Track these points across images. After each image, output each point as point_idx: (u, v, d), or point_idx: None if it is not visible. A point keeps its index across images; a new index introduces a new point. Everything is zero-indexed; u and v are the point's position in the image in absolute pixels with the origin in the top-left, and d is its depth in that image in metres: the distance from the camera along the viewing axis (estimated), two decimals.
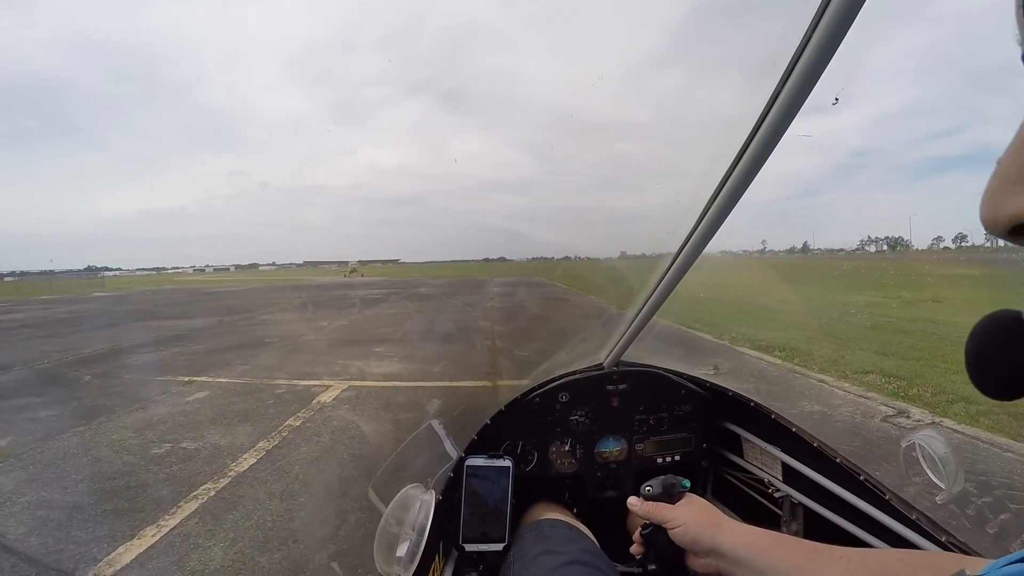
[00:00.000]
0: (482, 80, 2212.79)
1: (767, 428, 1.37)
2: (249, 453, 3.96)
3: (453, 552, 1.24)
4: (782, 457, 1.31)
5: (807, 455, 1.24)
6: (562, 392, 1.49)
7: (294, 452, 3.97)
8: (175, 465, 3.83)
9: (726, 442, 1.56)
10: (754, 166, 0.77)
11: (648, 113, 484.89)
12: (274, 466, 3.72)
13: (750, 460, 1.46)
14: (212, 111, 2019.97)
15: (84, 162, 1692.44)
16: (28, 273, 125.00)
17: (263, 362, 7.58)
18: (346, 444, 4.12)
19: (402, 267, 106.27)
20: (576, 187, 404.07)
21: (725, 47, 4.89)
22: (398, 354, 7.90)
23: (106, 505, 3.30)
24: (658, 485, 0.95)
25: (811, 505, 1.22)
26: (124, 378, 6.90)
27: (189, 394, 5.84)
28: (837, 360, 6.86)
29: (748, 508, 1.46)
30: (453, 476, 1.24)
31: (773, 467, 1.35)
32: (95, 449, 4.26)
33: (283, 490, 3.34)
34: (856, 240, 69.17)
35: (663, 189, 1.40)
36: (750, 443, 1.44)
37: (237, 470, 3.68)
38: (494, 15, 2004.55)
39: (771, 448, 1.35)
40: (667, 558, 0.91)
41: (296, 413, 4.92)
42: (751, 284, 21.16)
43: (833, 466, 1.16)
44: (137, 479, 3.64)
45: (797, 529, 1.27)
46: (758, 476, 1.41)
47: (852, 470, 1.11)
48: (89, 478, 3.72)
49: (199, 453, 4.04)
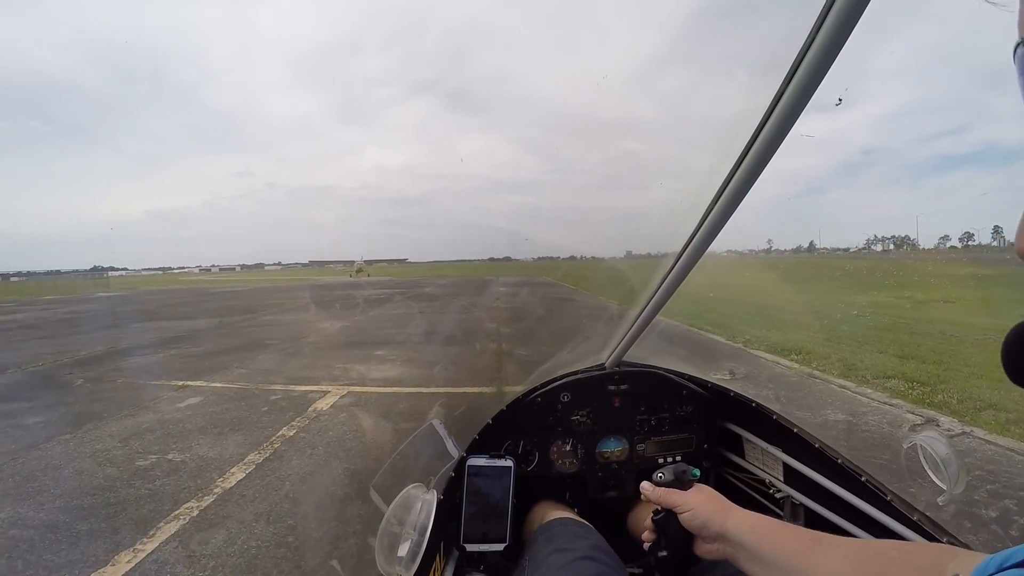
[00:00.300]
0: (487, 80, 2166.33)
1: (769, 429, 1.37)
2: (238, 467, 3.72)
3: (454, 552, 1.24)
4: (783, 458, 1.31)
5: (809, 456, 1.24)
6: (564, 392, 1.50)
7: (285, 466, 3.71)
8: (159, 480, 3.60)
9: (727, 443, 1.56)
10: (759, 164, 0.76)
11: (653, 112, 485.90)
12: (263, 482, 3.47)
13: (751, 460, 1.45)
14: (219, 111, 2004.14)
15: (91, 163, 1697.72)
16: (35, 273, 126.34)
17: (261, 365, 7.35)
18: (340, 457, 3.87)
19: (408, 267, 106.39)
20: (581, 186, 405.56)
21: (730, 46, 4.73)
22: (400, 357, 7.66)
23: (82, 525, 3.07)
24: (670, 472, 0.97)
25: (812, 506, 1.22)
26: (117, 382, 6.69)
27: (182, 400, 5.61)
28: (856, 364, 6.59)
29: (749, 508, 1.35)
30: (454, 476, 1.25)
31: (774, 468, 1.35)
32: (78, 460, 4.04)
33: (270, 511, 3.09)
34: (862, 239, 68.26)
35: (668, 188, 1.40)
36: (751, 443, 1.43)
37: (224, 486, 3.43)
38: (499, 15, 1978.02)
39: (772, 449, 1.35)
40: (678, 544, 0.93)
41: (291, 422, 4.67)
42: (759, 284, 20.88)
43: (835, 467, 1.16)
44: (118, 495, 3.40)
45: None
46: (759, 477, 1.41)
47: (854, 471, 1.11)
48: (68, 493, 3.49)
49: (185, 466, 3.80)
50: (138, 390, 6.15)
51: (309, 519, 3.00)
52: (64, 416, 5.21)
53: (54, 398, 5.95)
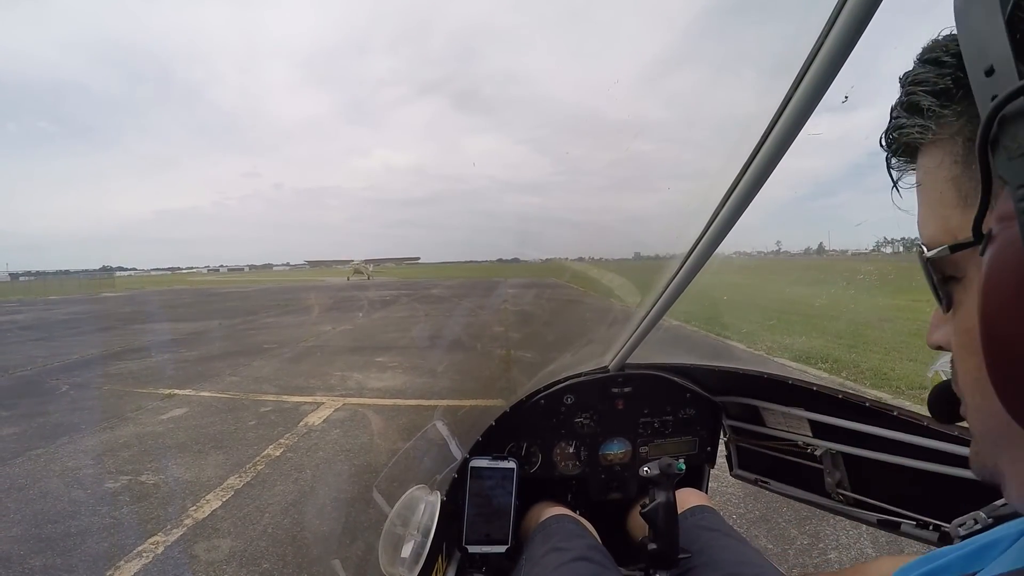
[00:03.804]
0: (495, 80, 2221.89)
1: (785, 394, 1.36)
2: (214, 493, 3.32)
3: (456, 553, 1.25)
4: (808, 416, 1.31)
5: (834, 407, 1.24)
6: (567, 394, 1.49)
7: (267, 493, 3.31)
8: (126, 506, 3.22)
9: (744, 416, 1.54)
10: (768, 166, 0.75)
11: (662, 113, 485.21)
12: (240, 513, 3.06)
13: (773, 426, 1.44)
14: (227, 112, 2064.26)
15: (100, 163, 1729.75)
16: (44, 273, 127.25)
17: (254, 372, 6.98)
18: (330, 483, 3.46)
19: (415, 268, 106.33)
20: (589, 187, 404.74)
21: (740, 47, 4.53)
22: (402, 364, 7.26)
23: (35, 560, 2.72)
24: (655, 467, 1.01)
25: (850, 451, 1.22)
26: (103, 389, 6.36)
27: (165, 411, 5.24)
28: (888, 373, 6.15)
29: (785, 470, 1.45)
30: (457, 477, 1.26)
31: (800, 427, 1.35)
32: (45, 480, 3.68)
33: (244, 550, 2.68)
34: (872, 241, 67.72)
35: (676, 189, 1.41)
36: (770, 410, 1.43)
37: (196, 516, 3.04)
38: (506, 15, 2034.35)
39: (794, 410, 1.34)
40: (666, 536, 0.98)
41: (278, 439, 4.27)
42: (773, 286, 20.40)
43: (864, 410, 1.16)
44: (80, 524, 3.03)
45: (840, 477, 1.27)
46: (787, 439, 1.40)
47: (885, 409, 1.11)
48: (28, 519, 3.13)
49: (157, 491, 3.42)
50: (122, 399, 5.80)
51: (287, 562, 2.60)
52: (40, 428, 4.86)
53: (34, 407, 5.61)
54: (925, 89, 0.35)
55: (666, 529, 0.98)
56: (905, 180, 0.41)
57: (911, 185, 0.40)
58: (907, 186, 0.41)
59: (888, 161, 0.42)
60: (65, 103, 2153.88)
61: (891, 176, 0.42)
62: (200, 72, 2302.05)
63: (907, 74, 0.38)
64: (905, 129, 0.38)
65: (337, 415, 4.93)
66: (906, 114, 0.38)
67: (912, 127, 0.37)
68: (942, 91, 0.35)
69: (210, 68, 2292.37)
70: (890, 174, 0.42)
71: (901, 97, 0.38)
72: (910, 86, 0.37)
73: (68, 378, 6.98)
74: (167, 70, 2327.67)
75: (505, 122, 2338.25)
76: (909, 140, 0.38)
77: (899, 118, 0.38)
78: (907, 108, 0.37)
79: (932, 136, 0.36)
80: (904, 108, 0.38)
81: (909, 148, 0.39)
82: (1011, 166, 0.28)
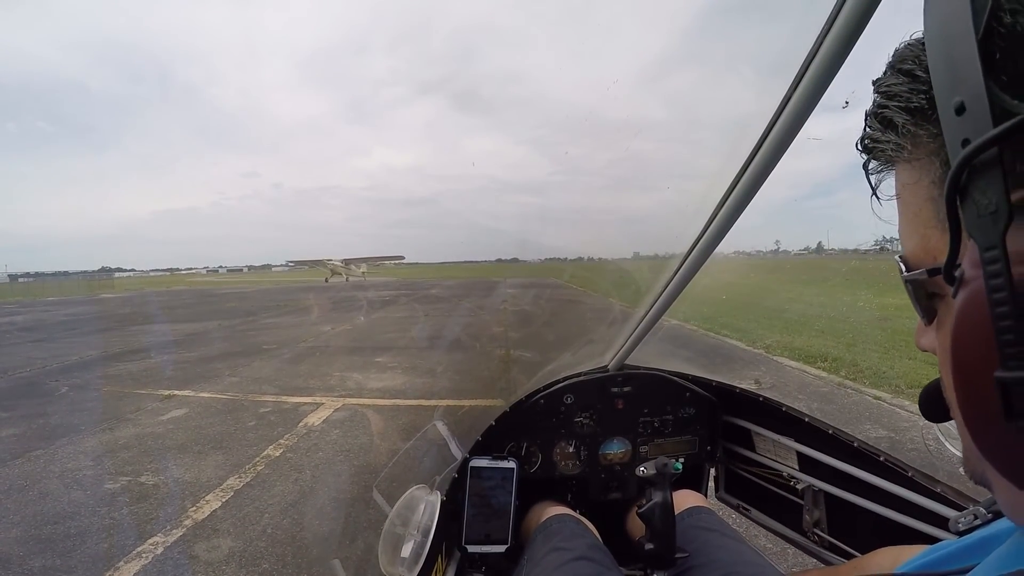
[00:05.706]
0: (495, 80, 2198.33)
1: (778, 421, 1.36)
2: (214, 493, 3.32)
3: (455, 553, 1.25)
4: (797, 447, 1.31)
5: (823, 443, 1.24)
6: (567, 394, 1.49)
7: (267, 494, 3.31)
8: (126, 507, 3.21)
9: (736, 438, 1.54)
10: (767, 166, 0.75)
11: (661, 112, 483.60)
12: (240, 513, 3.06)
13: (763, 453, 1.44)
14: (226, 112, 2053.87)
15: (99, 164, 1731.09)
16: (43, 274, 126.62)
17: (254, 373, 6.97)
18: (330, 483, 3.45)
19: (414, 268, 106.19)
20: (589, 187, 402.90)
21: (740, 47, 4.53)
22: (402, 364, 7.26)
23: (35, 561, 2.72)
24: (651, 467, 1.01)
25: (832, 491, 1.22)
26: (102, 390, 6.34)
27: (165, 412, 5.23)
28: (887, 373, 6.15)
29: (767, 500, 1.46)
30: (457, 477, 1.26)
31: (788, 458, 1.35)
32: (44, 481, 3.68)
33: (244, 550, 2.68)
34: (870, 240, 68.58)
35: (676, 189, 1.41)
36: (761, 436, 1.43)
37: (196, 517, 3.04)
38: (506, 15, 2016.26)
39: (784, 439, 1.34)
40: (662, 536, 0.98)
41: (278, 439, 4.27)
42: (772, 286, 20.40)
43: (851, 450, 1.17)
44: (79, 525, 3.03)
45: (819, 516, 1.26)
46: (774, 468, 1.40)
47: (871, 452, 1.12)
48: (28, 520, 3.13)
49: (157, 491, 3.42)
50: (122, 400, 5.79)
51: (287, 562, 2.60)
52: (40, 429, 4.86)
53: (34, 408, 5.60)
54: (899, 105, 0.34)
55: (663, 529, 0.98)
56: (887, 183, 0.39)
57: (891, 196, 0.38)
58: (887, 196, 0.39)
59: (866, 167, 0.40)
60: (64, 103, 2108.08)
61: (870, 183, 0.40)
62: (200, 72, 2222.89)
63: (880, 81, 0.36)
64: (880, 144, 0.36)
65: (337, 415, 4.93)
66: (880, 127, 0.36)
67: (887, 143, 0.35)
68: (916, 109, 0.33)
69: (209, 68, 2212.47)
70: (869, 181, 0.40)
71: (874, 107, 0.36)
72: (883, 99, 0.35)
73: (67, 379, 6.97)
74: (166, 70, 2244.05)
75: (505, 122, 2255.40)
76: (883, 157, 0.37)
77: (874, 130, 0.37)
78: (881, 121, 0.35)
79: (907, 155, 0.34)
80: (878, 120, 0.36)
81: (888, 157, 0.37)
82: (980, 224, 0.26)
